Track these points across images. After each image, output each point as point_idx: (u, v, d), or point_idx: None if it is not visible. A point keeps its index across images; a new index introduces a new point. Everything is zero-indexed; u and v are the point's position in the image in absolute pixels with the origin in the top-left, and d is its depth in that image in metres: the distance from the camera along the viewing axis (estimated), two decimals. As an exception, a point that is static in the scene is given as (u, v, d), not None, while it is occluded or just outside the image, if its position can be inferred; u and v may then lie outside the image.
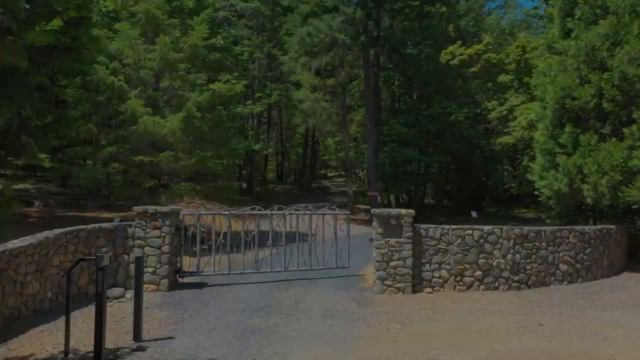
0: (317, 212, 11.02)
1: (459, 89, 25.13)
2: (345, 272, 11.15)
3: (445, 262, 9.39)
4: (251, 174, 31.45)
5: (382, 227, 9.24)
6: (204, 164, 14.23)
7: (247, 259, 10.49)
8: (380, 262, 9.21)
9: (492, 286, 9.49)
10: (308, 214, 10.86)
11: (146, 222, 9.32)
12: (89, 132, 13.72)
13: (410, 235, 9.22)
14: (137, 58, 14.19)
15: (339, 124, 30.30)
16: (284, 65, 26.67)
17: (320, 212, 11.07)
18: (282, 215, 10.59)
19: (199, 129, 14.50)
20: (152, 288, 9.19)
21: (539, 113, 12.88)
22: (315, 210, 11.22)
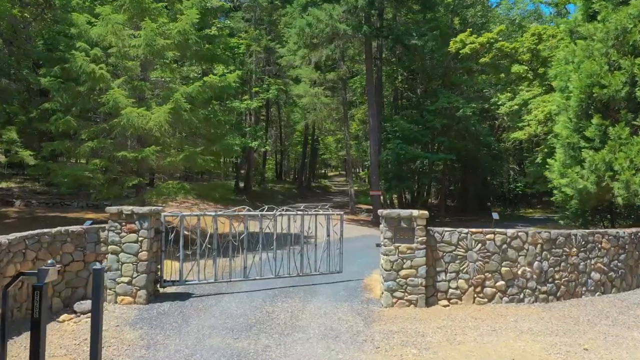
0: (310, 212, 9.85)
1: (466, 84, 23.95)
2: (340, 277, 10.12)
3: (464, 271, 8.21)
4: (249, 173, 30.29)
5: (391, 231, 8.06)
6: (194, 160, 13.04)
7: (237, 264, 9.38)
8: (389, 270, 8.03)
9: (517, 298, 8.31)
10: (300, 214, 9.69)
11: (121, 224, 8.14)
12: (68, 125, 12.55)
13: (424, 240, 8.05)
14: (120, 45, 13.01)
15: (339, 121, 29.12)
16: (283, 58, 25.48)
17: (312, 212, 9.90)
18: (273, 217, 9.43)
19: (189, 122, 13.31)
20: (127, 300, 8.01)
21: (560, 104, 11.70)
22: (307, 210, 10.04)
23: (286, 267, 9.54)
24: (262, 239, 9.35)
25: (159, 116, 12.39)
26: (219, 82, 13.98)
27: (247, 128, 26.37)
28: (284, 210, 9.73)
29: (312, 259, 9.89)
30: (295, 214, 9.71)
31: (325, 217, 10.16)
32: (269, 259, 9.58)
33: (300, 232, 9.76)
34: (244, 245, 9.12)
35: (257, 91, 25.12)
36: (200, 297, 8.56)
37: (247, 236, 9.11)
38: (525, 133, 16.00)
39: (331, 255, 10.05)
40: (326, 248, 10.02)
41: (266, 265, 9.55)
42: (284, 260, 9.55)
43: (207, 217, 9.31)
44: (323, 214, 10.08)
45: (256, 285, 9.32)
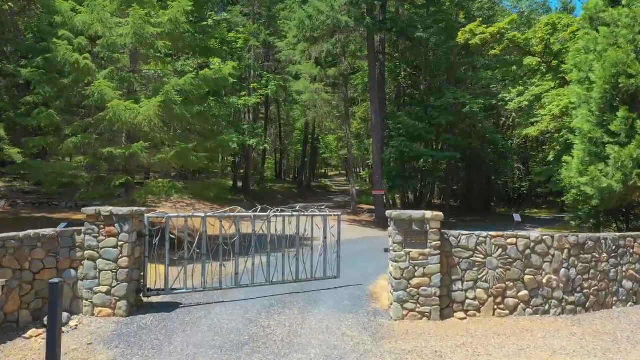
0: (306, 213, 9.00)
1: (472, 79, 23.05)
2: (338, 283, 9.34)
3: (482, 279, 7.34)
4: (247, 172, 29.41)
5: (401, 235, 7.18)
6: (186, 157, 12.17)
7: (228, 270, 8.54)
8: (399, 279, 7.15)
9: (542, 310, 7.44)
10: (295, 215, 8.84)
11: (99, 227, 7.27)
12: (50, 120, 11.68)
13: (438, 244, 7.18)
14: (108, 34, 12.14)
15: (340, 118, 28.25)
16: (282, 53, 24.60)
17: (309, 213, 9.05)
18: (266, 218, 8.57)
19: (181, 117, 12.44)
20: (105, 312, 7.14)
21: (582, 96, 10.82)
22: (303, 211, 9.19)
23: (281, 272, 8.73)
24: (255, 242, 8.50)
25: (148, 110, 11.53)
26: (214, 74, 13.10)
27: (245, 125, 25.48)
28: (278, 211, 8.86)
29: (309, 264, 9.11)
30: (290, 215, 8.84)
31: (322, 219, 9.29)
32: (262, 264, 8.75)
33: (296, 234, 8.91)
34: (236, 249, 8.26)
35: (256, 87, 24.24)
36: (189, 307, 7.70)
37: (239, 239, 8.24)
38: (537, 129, 15.13)
39: (328, 259, 9.22)
40: (323, 252, 9.16)
41: (260, 271, 8.71)
42: (278, 266, 8.75)
43: (195, 218, 8.42)
44: (320, 215, 9.21)
45: (251, 293, 8.48)
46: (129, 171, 13.12)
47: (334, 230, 9.32)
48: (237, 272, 8.29)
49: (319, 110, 25.06)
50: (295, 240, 8.93)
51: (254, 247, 8.51)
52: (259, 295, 8.42)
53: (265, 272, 8.60)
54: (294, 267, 8.90)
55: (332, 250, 9.40)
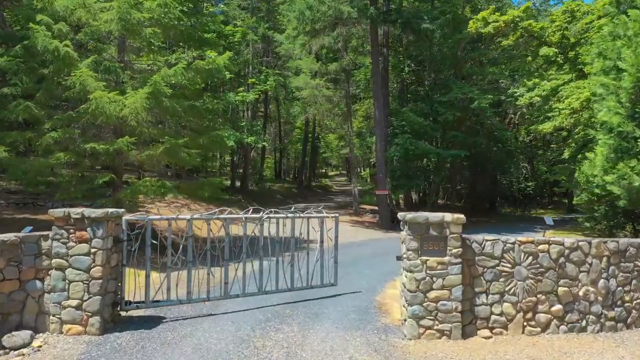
0: (301, 215, 8.10)
1: (480, 74, 22.07)
2: (336, 290, 8.53)
3: (510, 292, 6.38)
4: (245, 171, 28.46)
5: (416, 240, 6.22)
6: (176, 154, 11.20)
7: (217, 278, 7.62)
8: (414, 292, 6.19)
9: (578, 326, 6.48)
10: (290, 217, 7.93)
11: (69, 232, 6.31)
12: (28, 113, 10.70)
13: (459, 252, 6.22)
14: (91, 20, 11.18)
15: (341, 116, 27.30)
16: (281, 47, 23.62)
17: (305, 214, 8.15)
18: (259, 221, 7.64)
19: (171, 110, 11.48)
20: (76, 330, 6.18)
21: (609, 86, 9.84)
22: (299, 212, 8.30)
23: (275, 280, 7.85)
24: (246, 247, 7.55)
25: (134, 102, 10.56)
26: (207, 64, 12.13)
27: (243, 123, 24.51)
28: (272, 213, 7.92)
29: (305, 270, 8.23)
30: (285, 217, 7.91)
31: (319, 220, 8.39)
32: (254, 271, 7.82)
33: (291, 238, 8.01)
34: (225, 255, 7.32)
35: (254, 82, 23.29)
36: (173, 322, 6.74)
37: (228, 244, 7.30)
38: (553, 124, 14.21)
39: (325, 265, 8.42)
40: (320, 257, 8.31)
41: (251, 279, 7.81)
42: (271, 273, 7.88)
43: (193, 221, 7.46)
44: (316, 217, 8.28)
45: (243, 304, 7.55)
46: (116, 169, 12.18)
47: (332, 232, 8.44)
48: (227, 281, 7.34)
49: (320, 107, 24.09)
50: (291, 244, 8.04)
51: (245, 252, 7.57)
52: (252, 306, 7.50)
53: (258, 281, 7.68)
54: (289, 274, 8.00)
55: (330, 255, 8.54)
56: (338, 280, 9.39)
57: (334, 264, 8.53)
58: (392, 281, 10.05)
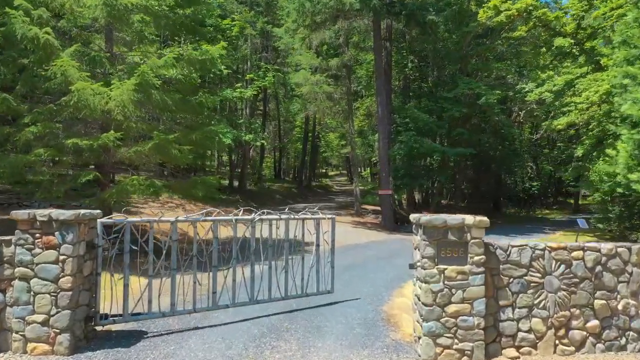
0: (295, 216, 7.41)
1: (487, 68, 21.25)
2: (330, 298, 7.82)
3: (540, 306, 5.57)
4: (243, 170, 27.66)
5: (432, 246, 5.42)
6: (166, 150, 10.40)
7: (205, 286, 6.83)
8: (430, 306, 5.39)
9: (616, 345, 5.67)
10: (284, 219, 7.17)
11: (34, 236, 5.51)
12: (7, 106, 9.88)
13: (482, 259, 5.42)
14: (74, 5, 10.39)
15: (342, 113, 26.51)
16: (280, 41, 22.81)
17: (299, 216, 7.44)
18: (250, 222, 6.86)
19: (161, 104, 10.67)
20: (42, 349, 5.39)
21: (637, 76, 9.03)
22: (292, 213, 7.54)
23: (267, 288, 7.11)
24: (237, 252, 6.76)
25: (121, 94, 9.77)
26: (200, 55, 11.34)
27: (240, 120, 23.69)
28: (265, 214, 7.15)
29: (300, 276, 7.51)
30: (278, 219, 7.15)
31: (314, 222, 7.67)
32: (245, 279, 7.04)
33: (285, 241, 7.26)
34: (213, 261, 6.53)
35: (252, 78, 22.48)
36: (156, 337, 5.94)
37: (216, 249, 6.51)
38: (568, 120, 13.39)
39: (321, 271, 7.70)
40: (315, 262, 7.59)
41: (242, 287, 7.05)
42: (263, 280, 7.13)
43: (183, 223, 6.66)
44: (312, 218, 7.58)
45: (234, 315, 6.79)
46: (103, 167, 11.40)
47: (328, 235, 7.73)
48: (215, 290, 6.55)
49: (320, 104, 23.30)
50: (285, 248, 7.29)
51: (236, 257, 6.78)
52: (244, 317, 6.74)
53: (249, 289, 6.91)
54: (283, 281, 7.26)
55: (327, 259, 7.82)
56: (341, 287, 8.69)
57: (331, 270, 7.84)
58: (399, 288, 9.27)
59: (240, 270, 6.95)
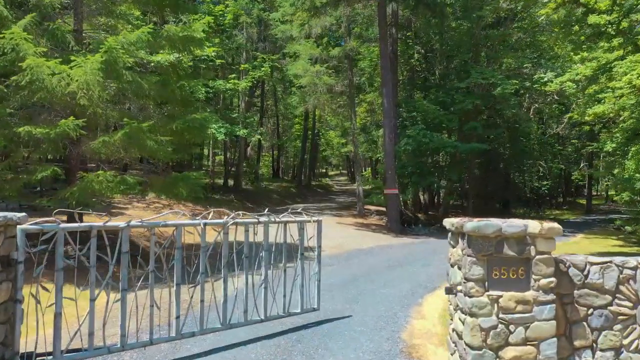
0: (276, 219, 6.02)
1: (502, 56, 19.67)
2: (316, 315, 6.49)
3: (632, 347, 3.98)
4: (239, 168, 26.09)
5: (482, 264, 3.83)
6: (140, 141, 8.79)
7: (165, 309, 5.26)
8: (478, 349, 3.79)
9: None
10: (263, 222, 5.63)
11: None
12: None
13: (551, 283, 3.83)
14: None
15: (344, 107, 24.92)
16: (277, 28, 21.21)
17: (280, 219, 6.08)
18: (223, 227, 5.29)
19: (134, 87, 9.10)
20: None
21: None
22: (273, 216, 6.00)
23: (246, 307, 5.65)
24: (205, 265, 5.18)
25: (84, 73, 8.18)
26: (181, 31, 9.75)
27: (235, 114, 22.09)
28: (240, 217, 5.60)
29: (289, 290, 6.13)
30: (256, 223, 5.62)
31: (298, 226, 6.36)
32: (216, 297, 5.45)
33: (264, 251, 5.76)
34: (175, 277, 4.94)
35: (247, 68, 20.90)
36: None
37: (180, 261, 4.94)
38: (605, 108, 11.83)
39: (306, 284, 6.40)
40: (300, 273, 6.34)
41: (211, 308, 5.46)
42: (239, 298, 5.72)
43: (132, 228, 5.05)
44: (294, 221, 6.26)
45: (203, 344, 5.20)
46: (69, 161, 9.84)
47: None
48: (179, 315, 4.96)
49: (320, 97, 21.70)
50: (263, 259, 5.81)
51: (204, 272, 5.20)
52: (216, 345, 5.16)
53: (221, 310, 5.33)
54: (261, 299, 5.78)
55: (313, 270, 6.55)
56: (347, 305, 7.20)
57: (317, 283, 6.53)
58: (416, 306, 7.69)
59: (209, 286, 5.37)
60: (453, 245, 4.27)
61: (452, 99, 18.07)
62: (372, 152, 27.23)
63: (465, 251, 3.90)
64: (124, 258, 4.65)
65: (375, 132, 23.64)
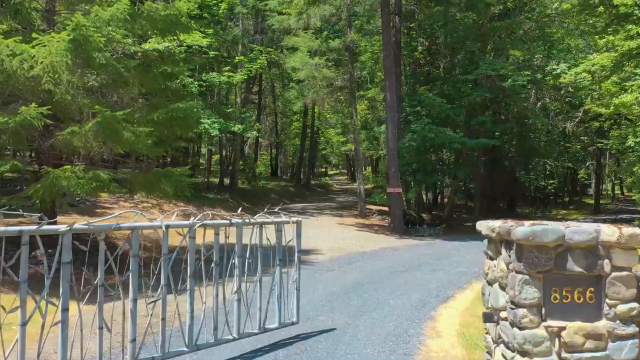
0: (251, 220, 5.03)
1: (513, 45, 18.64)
2: (298, 329, 5.63)
3: None
4: (234, 166, 25.07)
5: (536, 284, 2.79)
6: (114, 132, 7.76)
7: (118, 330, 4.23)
8: (535, 401, 2.75)
9: None
10: (236, 224, 4.65)
11: None
12: None
13: (634, 309, 2.79)
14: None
15: (345, 102, 23.89)
16: (274, 18, 20.16)
17: (255, 219, 5.02)
18: (189, 230, 4.26)
19: (110, 71, 8.08)
20: None
21: None
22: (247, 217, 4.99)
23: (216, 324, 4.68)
24: (166, 275, 4.13)
25: (50, 54, 7.15)
26: (163, 9, 8.72)
27: (229, 109, 21.05)
28: (209, 218, 4.59)
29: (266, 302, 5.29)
30: (229, 224, 4.61)
31: (275, 227, 5.40)
32: (179, 315, 4.41)
33: (237, 258, 4.78)
34: (131, 292, 3.89)
35: (243, 60, 19.85)
36: None
37: (136, 272, 3.90)
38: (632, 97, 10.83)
39: (285, 294, 5.49)
40: (278, 282, 5.38)
41: (175, 329, 4.44)
42: (207, 315, 4.63)
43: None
44: (271, 223, 5.28)
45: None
46: (39, 155, 8.82)
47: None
48: (135, 337, 3.91)
49: (319, 91, 20.66)
50: (237, 266, 4.83)
51: (166, 284, 4.16)
52: None
53: (187, 330, 4.30)
54: (235, 313, 4.80)
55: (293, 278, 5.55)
56: (350, 321, 6.23)
57: (296, 293, 5.58)
58: (429, 320, 6.66)
59: (172, 297, 4.33)
60: (492, 256, 3.24)
61: (459, 91, 17.02)
62: (373, 149, 26.23)
63: (514, 266, 2.88)
64: (65, 270, 3.61)
65: (377, 128, 22.61)
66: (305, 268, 10.38)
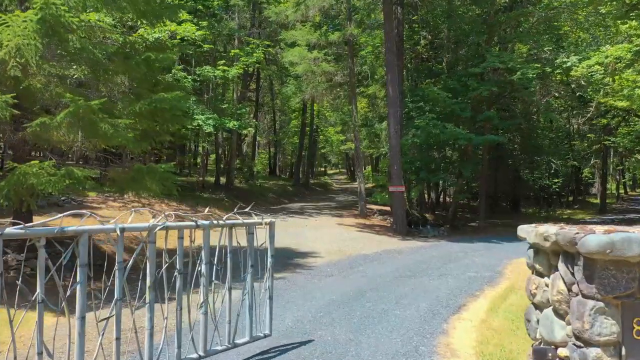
0: (220, 222, 4.33)
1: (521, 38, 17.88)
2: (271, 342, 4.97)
3: None
4: (231, 164, 24.30)
5: (614, 313, 2.01)
6: (90, 124, 6.98)
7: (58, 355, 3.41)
8: None
9: None
10: (202, 226, 3.89)
11: None
12: None
13: None
14: None
15: (344, 98, 23.09)
16: (270, 10, 19.38)
17: (224, 221, 4.29)
18: (149, 233, 3.48)
19: (85, 57, 7.30)
20: None
21: None
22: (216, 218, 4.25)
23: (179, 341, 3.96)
24: (121, 286, 3.36)
25: (15, 36, 6.37)
26: (146, -11, 7.93)
27: (225, 105, 20.26)
28: (171, 219, 3.87)
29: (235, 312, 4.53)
30: (195, 227, 3.90)
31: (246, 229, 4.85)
32: (136, 330, 3.64)
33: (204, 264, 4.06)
34: (78, 306, 3.12)
35: (238, 53, 19.07)
36: None
37: (83, 284, 3.13)
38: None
39: (258, 303, 4.94)
40: (249, 290, 4.82)
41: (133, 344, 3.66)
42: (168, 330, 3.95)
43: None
44: (242, 223, 4.63)
45: None
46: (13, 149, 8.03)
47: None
48: None
49: (318, 86, 19.89)
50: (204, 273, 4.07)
51: (119, 297, 3.38)
52: None
53: (147, 349, 3.54)
54: (202, 327, 4.10)
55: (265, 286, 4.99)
56: (352, 336, 5.46)
57: (269, 302, 5.02)
58: (442, 335, 5.88)
59: (127, 311, 3.56)
60: (543, 272, 2.46)
61: (464, 86, 16.26)
62: (374, 147, 25.44)
63: (581, 288, 2.10)
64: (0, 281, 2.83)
65: (379, 125, 21.82)
66: (302, 273, 9.63)
